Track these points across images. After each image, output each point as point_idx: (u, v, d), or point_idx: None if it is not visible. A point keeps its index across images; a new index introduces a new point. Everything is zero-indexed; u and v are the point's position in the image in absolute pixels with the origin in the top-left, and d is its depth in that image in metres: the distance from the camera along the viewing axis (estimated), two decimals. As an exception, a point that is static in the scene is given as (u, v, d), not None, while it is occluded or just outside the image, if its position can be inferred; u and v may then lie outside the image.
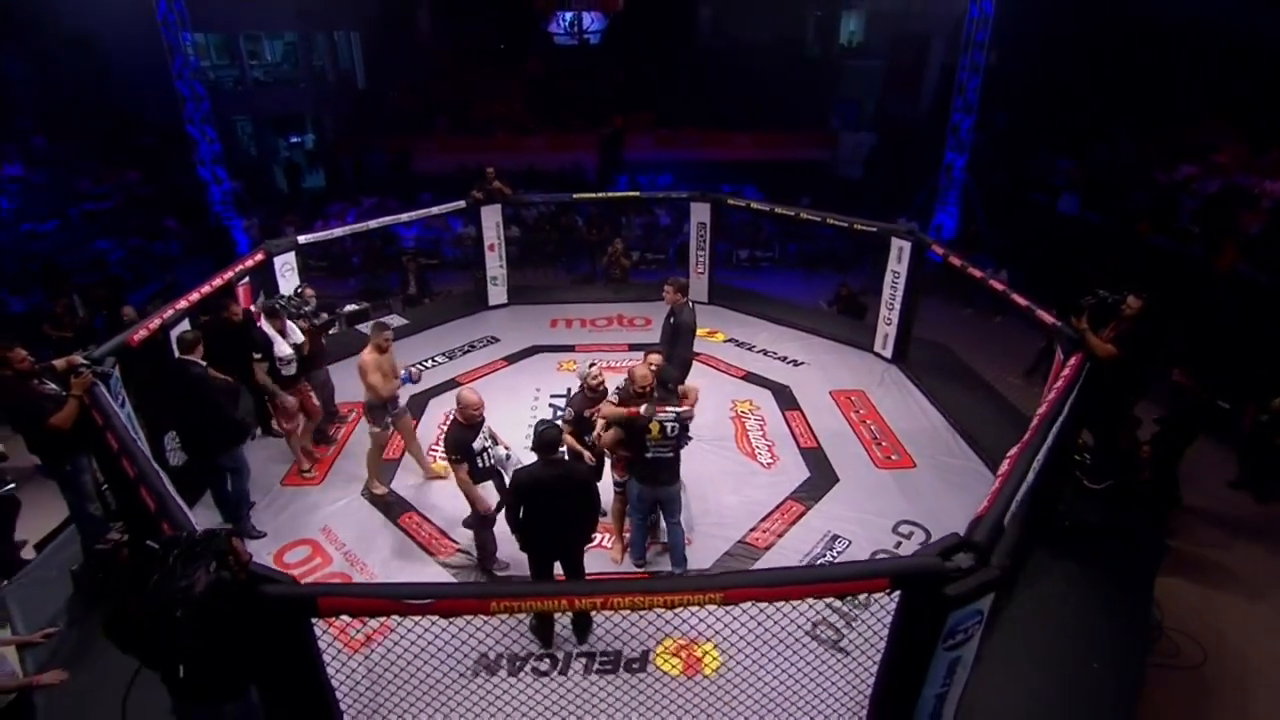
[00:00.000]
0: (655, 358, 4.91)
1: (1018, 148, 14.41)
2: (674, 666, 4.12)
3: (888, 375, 7.64)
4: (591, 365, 4.88)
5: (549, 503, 3.84)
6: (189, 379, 4.71)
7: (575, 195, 9.77)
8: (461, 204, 8.63)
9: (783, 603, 2.78)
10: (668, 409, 4.34)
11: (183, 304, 5.37)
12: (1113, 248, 11.22)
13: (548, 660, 4.14)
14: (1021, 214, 13.52)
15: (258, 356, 5.44)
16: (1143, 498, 5.64)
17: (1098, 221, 12.39)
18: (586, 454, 4.73)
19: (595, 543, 4.92)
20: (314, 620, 2.57)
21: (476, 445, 4.42)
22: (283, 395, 5.56)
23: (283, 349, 5.56)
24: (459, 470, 4.43)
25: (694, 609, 3.56)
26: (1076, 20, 12.69)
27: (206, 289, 5.81)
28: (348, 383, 6.94)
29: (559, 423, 4.49)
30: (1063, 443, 4.78)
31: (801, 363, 7.88)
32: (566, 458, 4.42)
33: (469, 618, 2.72)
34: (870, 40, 19.73)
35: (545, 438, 3.82)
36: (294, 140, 18.76)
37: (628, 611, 4.11)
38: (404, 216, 8.33)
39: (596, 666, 4.12)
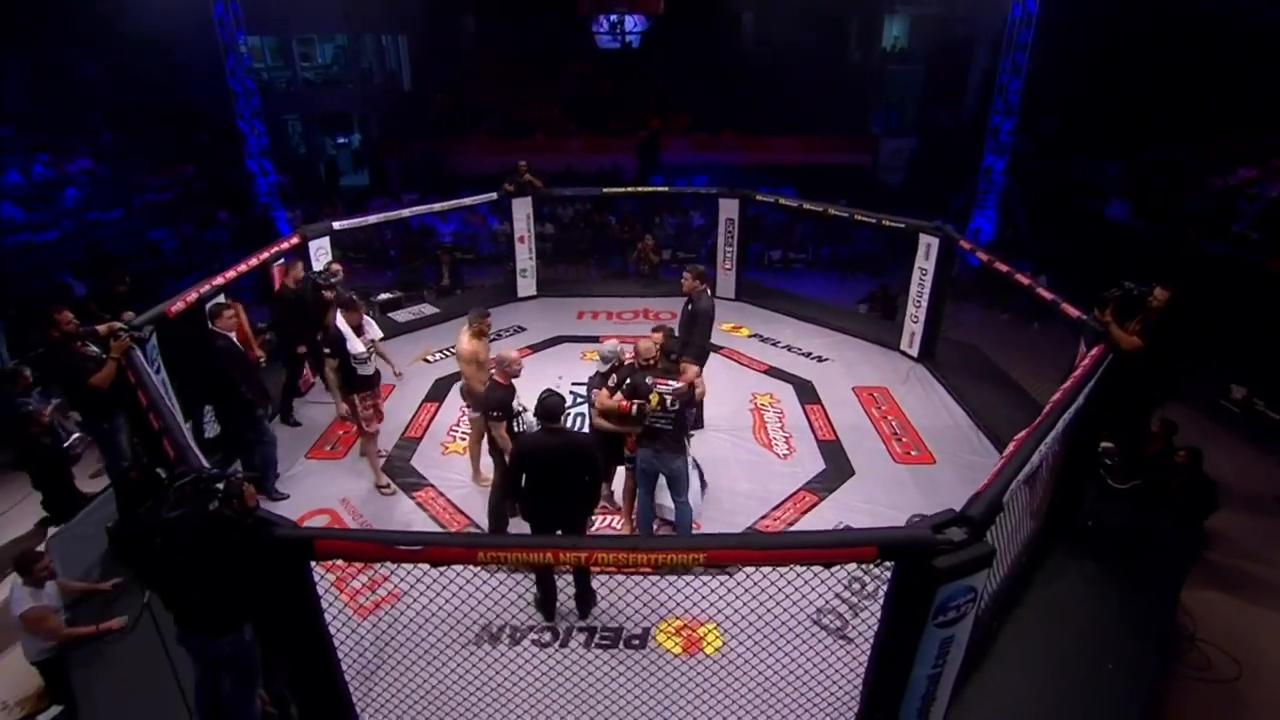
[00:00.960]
0: (657, 336, 4.92)
1: (1063, 153, 14.05)
2: (674, 645, 4.13)
3: (913, 373, 7.52)
4: (619, 345, 4.93)
5: (550, 471, 3.88)
6: (213, 351, 4.92)
7: (605, 189, 9.89)
8: (493, 196, 8.81)
9: (787, 585, 2.80)
10: (669, 382, 4.37)
11: (218, 280, 5.60)
12: (1162, 254, 10.84)
13: (549, 633, 4.20)
14: (1067, 220, 13.15)
15: (328, 352, 5.23)
16: (1175, 502, 5.44)
17: (1146, 228, 11.99)
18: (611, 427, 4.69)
19: (605, 525, 5.01)
20: (314, 566, 2.68)
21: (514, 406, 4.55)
22: (339, 401, 5.37)
23: (356, 346, 5.14)
24: (499, 427, 4.50)
25: (697, 587, 3.61)
26: (1124, 22, 12.33)
27: (242, 267, 6.04)
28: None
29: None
30: (1084, 438, 4.66)
31: (826, 359, 7.81)
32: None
33: (472, 583, 2.79)
34: (914, 45, 19.47)
35: (547, 405, 3.87)
36: (341, 141, 19.38)
37: (622, 578, 4.20)
38: (436, 206, 8.55)
39: (597, 641, 4.16)
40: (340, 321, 5.21)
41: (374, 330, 5.44)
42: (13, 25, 12.68)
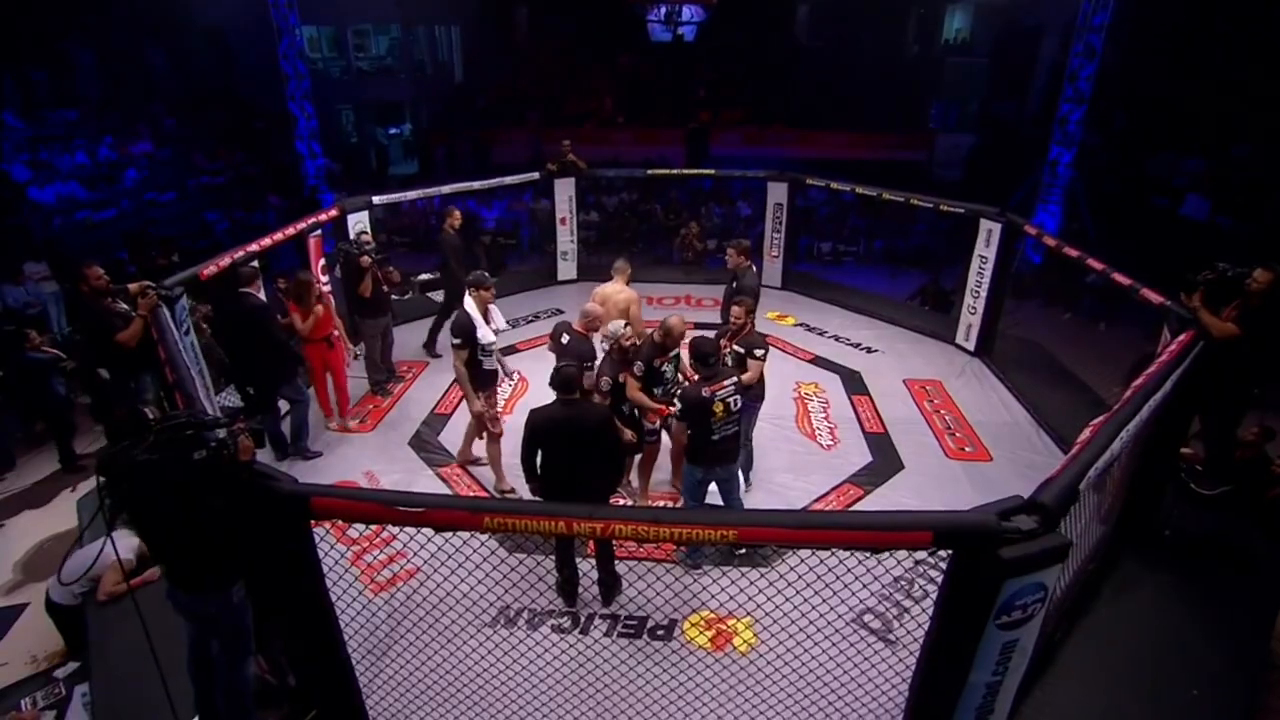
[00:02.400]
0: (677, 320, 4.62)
1: (1136, 148, 13.23)
2: (703, 639, 3.85)
3: (969, 367, 7.07)
4: (625, 326, 4.62)
5: (563, 445, 3.67)
6: (247, 309, 4.85)
7: (649, 170, 9.63)
8: (535, 175, 8.65)
9: (830, 576, 2.50)
10: (726, 383, 3.99)
11: (254, 247, 5.55)
12: (1248, 254, 10.04)
13: (569, 619, 3.96)
14: (1137, 218, 12.35)
15: (457, 342, 4.59)
16: (1269, 515, 4.89)
17: (1230, 226, 11.16)
18: (655, 407, 4.47)
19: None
20: (317, 529, 2.50)
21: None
22: (471, 401, 4.74)
23: (486, 334, 4.69)
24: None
25: (735, 579, 3.33)
26: (1201, 11, 11.50)
27: (279, 235, 5.99)
28: (411, 342, 7.11)
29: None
30: (1166, 435, 4.21)
31: (875, 350, 7.40)
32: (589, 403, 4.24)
33: (489, 561, 2.57)
34: (976, 36, 18.68)
35: (562, 376, 3.64)
36: (393, 131, 19.61)
37: (651, 564, 3.93)
38: (475, 185, 8.42)
39: (620, 630, 3.91)
40: (470, 304, 4.69)
41: (499, 319, 4.90)
42: (83, 15, 13.14)
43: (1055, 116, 12.13)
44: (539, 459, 3.80)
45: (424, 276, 8.94)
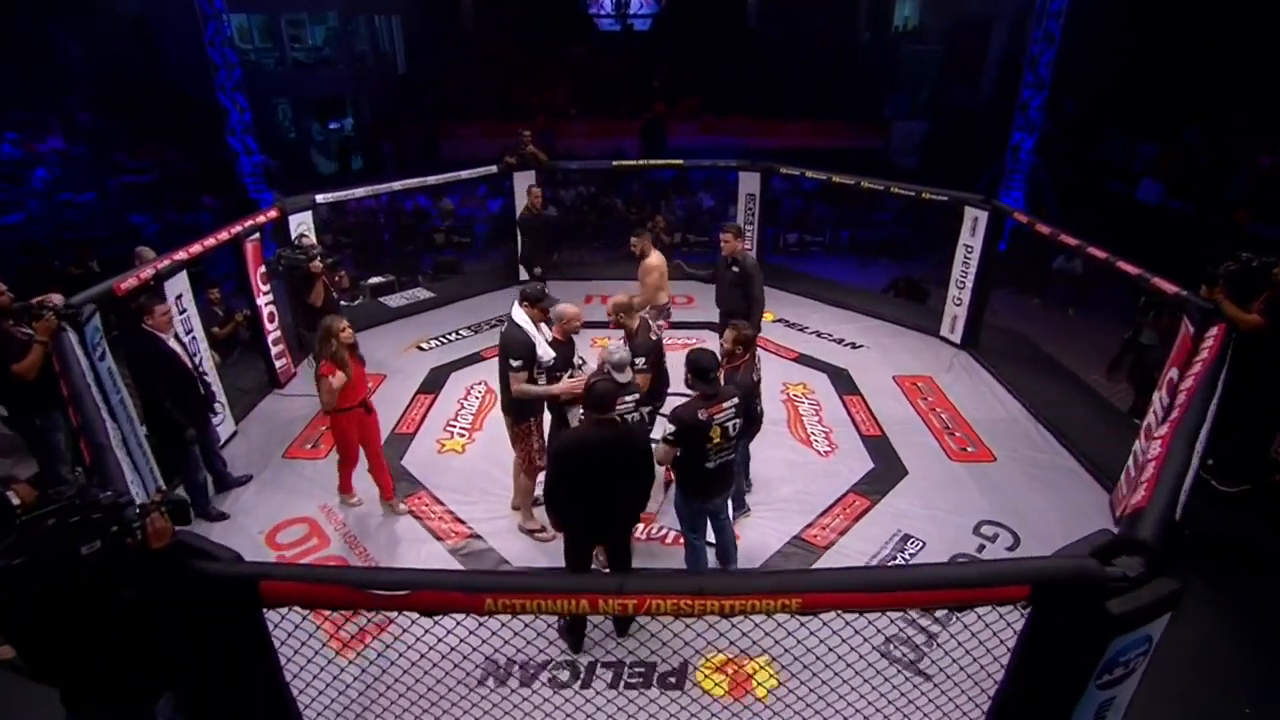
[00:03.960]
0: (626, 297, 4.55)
1: (1089, 133, 13.35)
2: (719, 687, 3.43)
3: (957, 361, 6.83)
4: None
5: (601, 471, 3.14)
6: (139, 353, 4.22)
7: (615, 163, 9.16)
8: (493, 169, 8.08)
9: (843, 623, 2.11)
10: (725, 405, 3.51)
11: (181, 255, 4.88)
12: (1203, 238, 10.14)
13: (568, 670, 3.50)
14: (1094, 203, 12.44)
15: (518, 363, 3.90)
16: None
17: (1185, 210, 11.28)
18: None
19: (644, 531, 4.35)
20: (268, 613, 1.98)
21: None
22: (514, 430, 4.17)
23: (547, 351, 4.03)
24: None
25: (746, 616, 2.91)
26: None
27: (210, 241, 5.31)
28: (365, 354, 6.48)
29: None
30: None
31: (860, 345, 7.11)
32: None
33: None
34: (926, 24, 18.73)
35: (598, 392, 3.12)
36: (333, 126, 18.55)
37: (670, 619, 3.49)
38: (430, 180, 7.82)
39: (626, 680, 3.46)
40: (521, 317, 4.02)
41: (544, 333, 4.23)
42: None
43: (1016, 102, 12.07)
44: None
45: (375, 280, 8.28)
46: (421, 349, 6.99)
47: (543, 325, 4.16)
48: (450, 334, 7.28)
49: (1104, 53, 12.85)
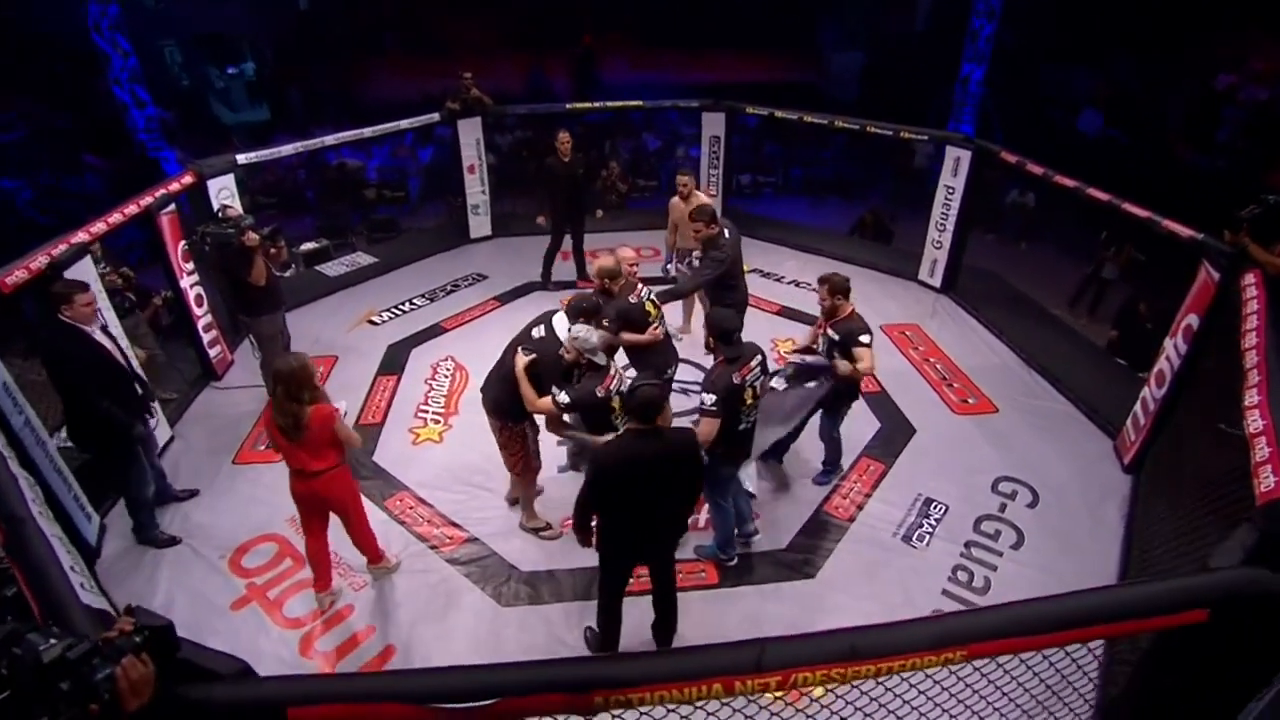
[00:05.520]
0: (627, 253, 4.35)
1: (1029, 63, 13.32)
2: (768, 687, 3.18)
3: (939, 306, 6.69)
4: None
5: (646, 486, 2.75)
6: (54, 354, 3.51)
7: (569, 105, 8.45)
8: (435, 117, 7.27)
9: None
10: (753, 364, 3.37)
11: (81, 236, 4.06)
12: (1142, 167, 10.32)
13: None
14: (1037, 133, 12.50)
15: (557, 392, 3.35)
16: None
17: (1124, 140, 11.46)
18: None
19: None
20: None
21: None
22: (558, 429, 3.67)
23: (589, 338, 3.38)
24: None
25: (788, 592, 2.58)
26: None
27: (118, 217, 4.47)
28: (306, 332, 5.79)
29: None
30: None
31: (841, 295, 6.86)
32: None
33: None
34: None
35: (642, 399, 2.65)
36: (231, 71, 16.61)
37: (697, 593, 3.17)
38: (366, 131, 6.94)
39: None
40: (565, 334, 3.43)
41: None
42: None
43: (963, 31, 11.83)
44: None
45: (308, 246, 7.42)
46: (373, 323, 6.30)
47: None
48: (403, 304, 6.59)
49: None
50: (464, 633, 3.39)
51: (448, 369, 5.57)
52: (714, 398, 3.25)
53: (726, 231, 4.75)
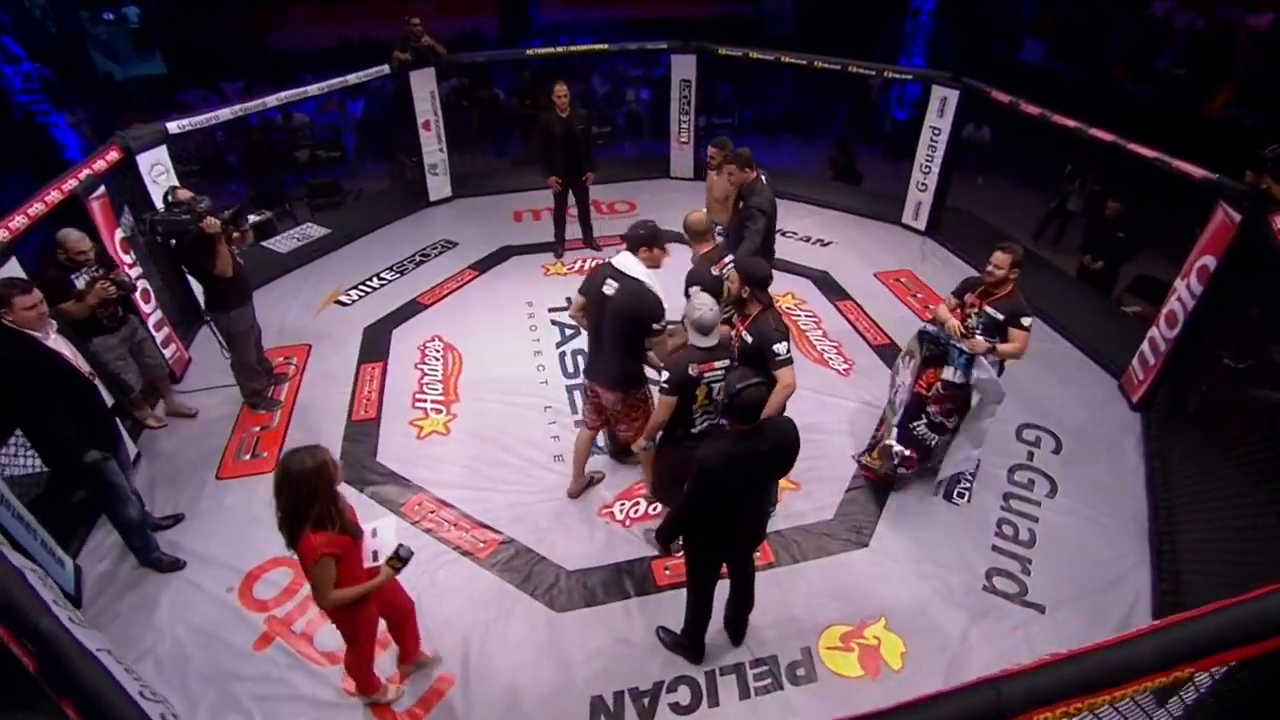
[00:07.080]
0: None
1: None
2: (851, 668, 3.10)
3: (926, 249, 6.67)
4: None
5: (749, 486, 2.62)
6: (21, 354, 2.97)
7: (529, 51, 7.81)
8: (385, 69, 6.56)
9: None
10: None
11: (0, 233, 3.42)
12: (1086, 99, 10.46)
13: (686, 688, 3.01)
14: (983, 66, 12.50)
15: (657, 328, 3.23)
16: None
17: (1066, 72, 11.57)
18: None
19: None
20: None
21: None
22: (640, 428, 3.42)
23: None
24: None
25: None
26: None
27: (40, 207, 3.79)
28: (270, 320, 5.24)
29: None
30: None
31: (829, 242, 6.73)
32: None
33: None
34: None
35: (746, 400, 2.39)
36: (108, 16, 14.67)
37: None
38: (311, 89, 6.17)
39: (755, 684, 3.03)
40: (636, 268, 3.22)
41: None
42: None
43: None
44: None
45: (254, 218, 6.65)
46: (341, 304, 5.74)
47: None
48: (370, 280, 6.04)
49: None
50: (521, 645, 3.16)
51: (437, 350, 5.14)
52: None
53: (763, 177, 4.48)
